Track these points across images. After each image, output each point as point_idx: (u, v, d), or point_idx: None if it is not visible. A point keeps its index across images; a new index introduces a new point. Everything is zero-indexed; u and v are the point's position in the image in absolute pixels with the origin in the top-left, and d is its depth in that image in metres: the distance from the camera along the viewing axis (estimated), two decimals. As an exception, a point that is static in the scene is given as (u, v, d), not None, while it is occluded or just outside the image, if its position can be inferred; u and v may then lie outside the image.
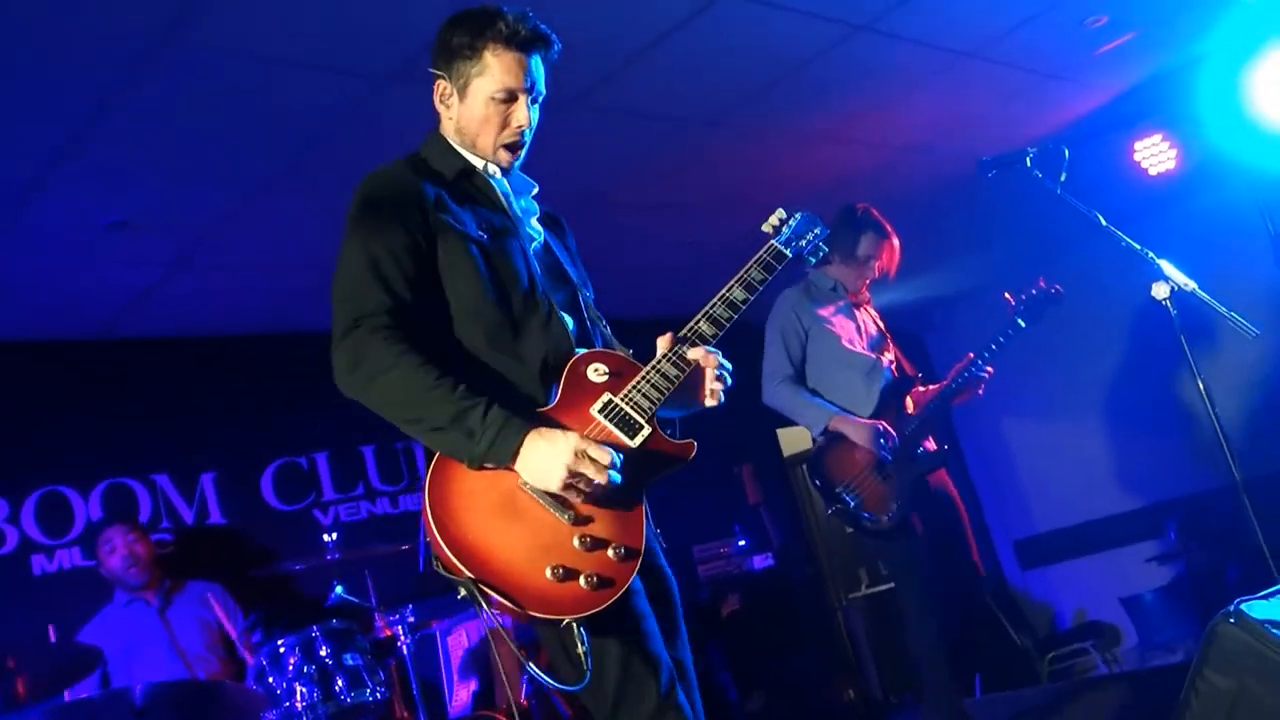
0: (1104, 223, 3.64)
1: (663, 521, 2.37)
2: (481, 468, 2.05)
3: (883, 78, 4.89)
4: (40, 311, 5.04)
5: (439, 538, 2.00)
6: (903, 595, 4.48)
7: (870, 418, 4.38)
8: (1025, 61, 5.06)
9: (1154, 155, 5.94)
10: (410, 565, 4.67)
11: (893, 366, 4.59)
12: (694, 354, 2.26)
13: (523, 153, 2.38)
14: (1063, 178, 3.74)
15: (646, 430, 2.17)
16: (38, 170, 3.85)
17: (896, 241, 4.63)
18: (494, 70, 2.27)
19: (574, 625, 2.01)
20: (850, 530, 4.45)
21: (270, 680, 3.83)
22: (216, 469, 5.69)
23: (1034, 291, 4.51)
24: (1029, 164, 3.72)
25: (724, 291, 2.36)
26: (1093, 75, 5.39)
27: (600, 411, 2.17)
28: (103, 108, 3.60)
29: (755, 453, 7.60)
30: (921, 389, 4.60)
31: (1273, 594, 2.86)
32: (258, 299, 5.56)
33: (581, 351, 2.25)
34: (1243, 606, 2.78)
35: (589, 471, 2.01)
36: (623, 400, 2.18)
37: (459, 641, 5.33)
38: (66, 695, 4.13)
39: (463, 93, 2.31)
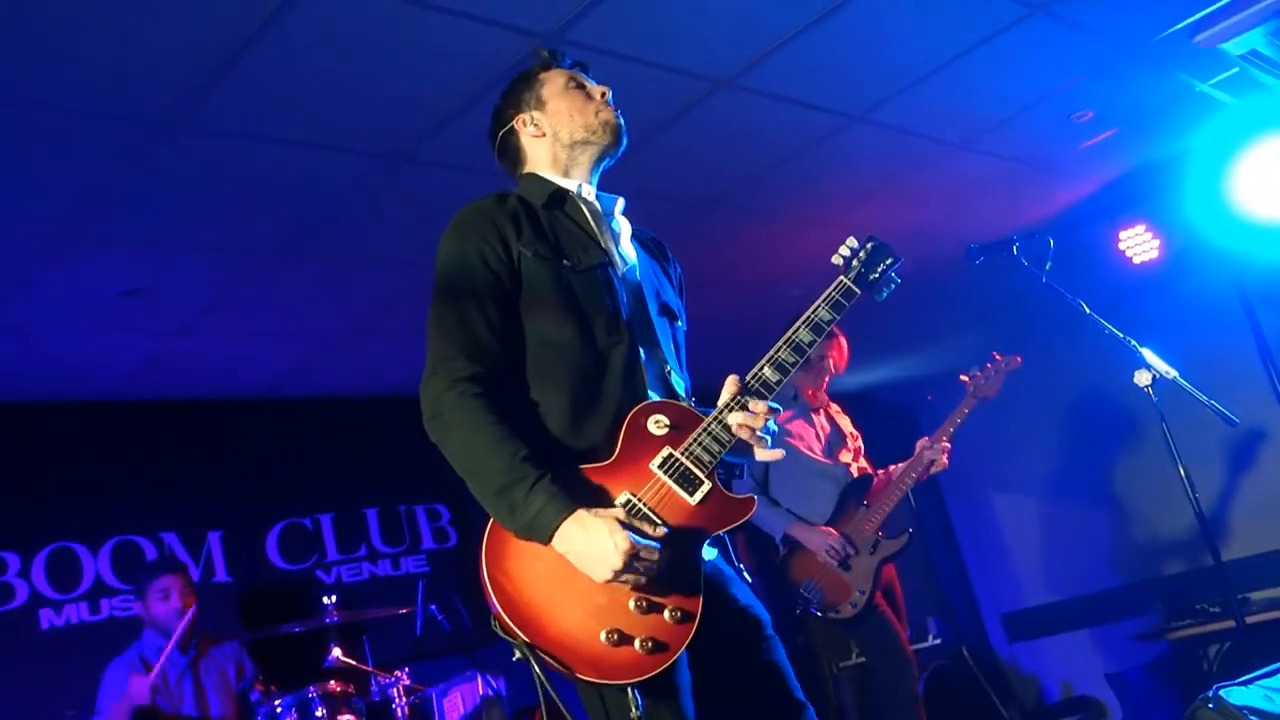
0: (1087, 310, 3.64)
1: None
2: (526, 540, 1.98)
3: (877, 166, 4.93)
4: (54, 373, 5.04)
5: (494, 599, 1.95)
6: (882, 675, 4.60)
7: (829, 518, 4.67)
8: (1014, 153, 5.11)
9: (1138, 244, 5.97)
10: (408, 628, 4.66)
11: (851, 466, 4.81)
12: (740, 418, 2.10)
13: (620, 117, 2.37)
14: (1048, 266, 3.76)
15: (706, 486, 2.07)
16: (53, 239, 3.87)
17: (844, 340, 4.87)
18: (554, 77, 2.38)
19: (629, 690, 1.94)
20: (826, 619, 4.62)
21: (266, 740, 3.76)
22: (223, 528, 5.65)
23: (989, 367, 4.66)
24: (1015, 252, 3.73)
25: (790, 334, 2.20)
26: (1079, 167, 5.44)
27: (660, 467, 2.07)
28: (115, 181, 3.62)
29: (749, 526, 7.52)
30: (882, 476, 4.79)
31: (1251, 680, 2.83)
32: (265, 364, 5.56)
33: (641, 404, 2.13)
34: (1221, 692, 2.76)
35: (638, 574, 1.93)
36: (683, 454, 2.08)
37: (454, 705, 5.24)
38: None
39: (541, 105, 2.36)
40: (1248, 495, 7.00)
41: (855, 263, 2.32)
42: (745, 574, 2.29)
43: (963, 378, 4.73)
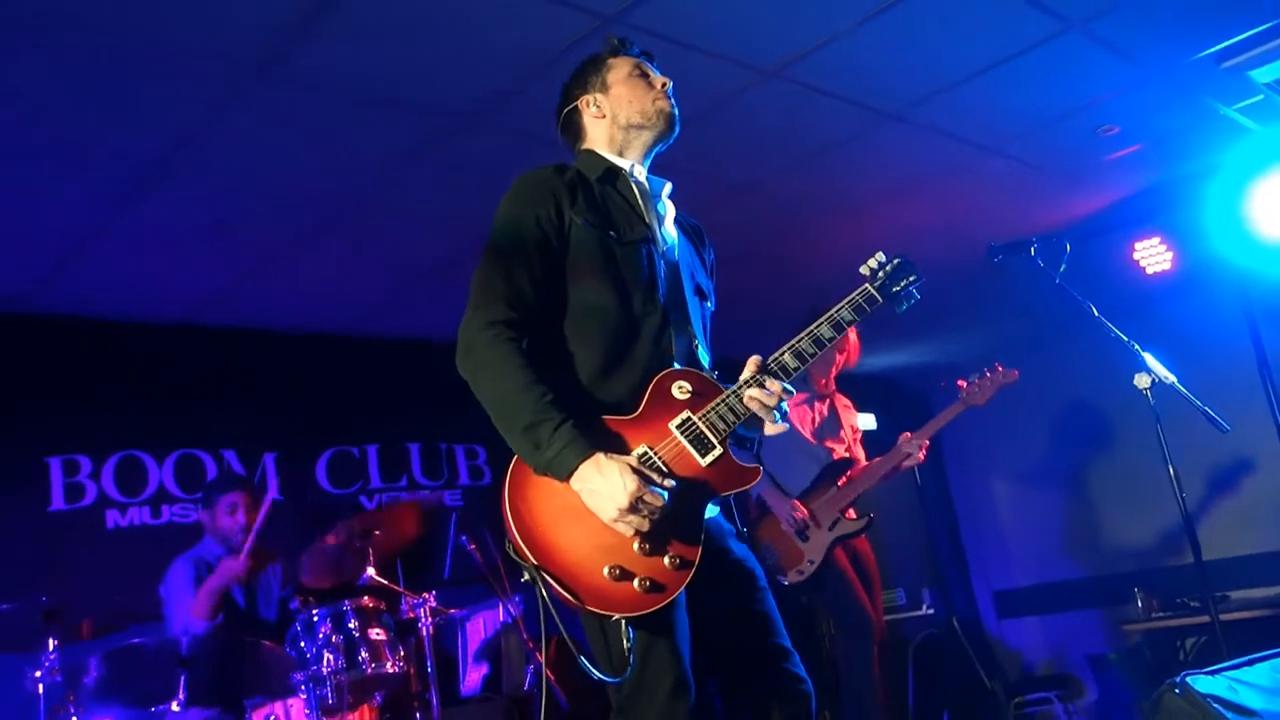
0: (1096, 313, 3.61)
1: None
2: (544, 476, 2.03)
3: (908, 163, 4.90)
4: (138, 293, 5.12)
5: (512, 524, 2.00)
6: (838, 636, 4.79)
7: (803, 492, 4.79)
8: (1039, 160, 5.05)
9: (1152, 256, 5.90)
10: (439, 555, 4.74)
11: (836, 452, 4.90)
12: (756, 393, 2.16)
13: (677, 111, 2.40)
14: (1062, 268, 3.72)
15: (718, 450, 2.13)
16: (151, 166, 3.92)
17: (854, 335, 4.90)
18: (621, 64, 2.42)
19: (622, 623, 1.99)
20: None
21: (302, 645, 3.84)
22: (278, 450, 5.75)
23: (986, 376, 4.66)
24: (1033, 253, 3.70)
25: (812, 327, 2.25)
26: (1101, 178, 5.37)
27: (678, 427, 2.13)
28: (212, 117, 3.67)
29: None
30: (861, 465, 4.89)
31: (1218, 670, 2.82)
32: (332, 303, 5.62)
33: (669, 369, 2.19)
34: (1188, 679, 2.75)
35: (640, 517, 1.98)
36: (700, 420, 2.14)
37: (476, 629, 5.34)
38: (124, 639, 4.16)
39: (604, 89, 2.40)
40: (1232, 499, 6.98)
41: (881, 274, 2.35)
42: (744, 533, 2.33)
43: (960, 383, 4.75)
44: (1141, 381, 3.52)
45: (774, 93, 4.05)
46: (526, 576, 1.99)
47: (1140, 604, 6.72)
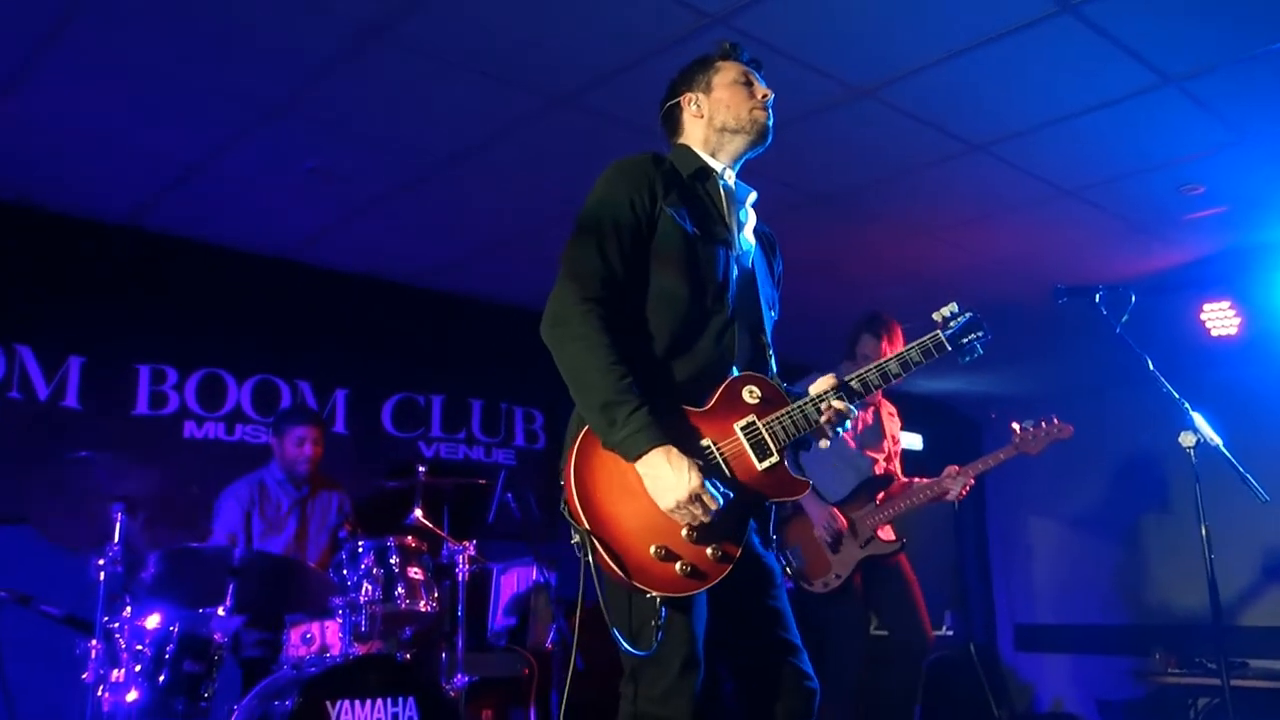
0: (1151, 366, 3.53)
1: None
2: (611, 451, 2.06)
3: (987, 194, 4.82)
4: (238, 224, 5.22)
5: (573, 489, 2.05)
6: (832, 653, 4.38)
7: (841, 501, 4.50)
8: (1119, 210, 4.94)
9: (1219, 319, 5.74)
10: (484, 508, 4.79)
11: (878, 463, 4.63)
12: (830, 414, 2.21)
13: (771, 123, 2.41)
14: (1125, 319, 3.64)
15: (775, 459, 2.15)
16: (262, 108, 4.01)
17: (900, 336, 4.56)
18: (728, 69, 2.42)
19: (657, 600, 2.02)
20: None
21: (344, 572, 3.89)
22: (350, 387, 5.85)
23: (1041, 427, 4.36)
24: (1097, 299, 3.63)
25: (883, 361, 2.30)
26: (1178, 235, 5.23)
27: (742, 429, 2.16)
28: (323, 69, 3.73)
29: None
30: (903, 482, 4.61)
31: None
32: (415, 256, 5.70)
33: (746, 372, 2.23)
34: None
35: (695, 511, 2.01)
36: (764, 426, 2.17)
37: (509, 582, 5.40)
38: (182, 541, 4.28)
39: (708, 91, 2.41)
40: (1262, 569, 6.78)
41: (951, 324, 2.37)
42: (770, 534, 2.35)
43: (1014, 426, 4.52)
44: (1186, 440, 3.44)
45: (864, 111, 4.01)
46: (576, 538, 2.04)
47: (1158, 658, 6.58)
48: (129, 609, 3.61)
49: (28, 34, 3.47)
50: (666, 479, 2.00)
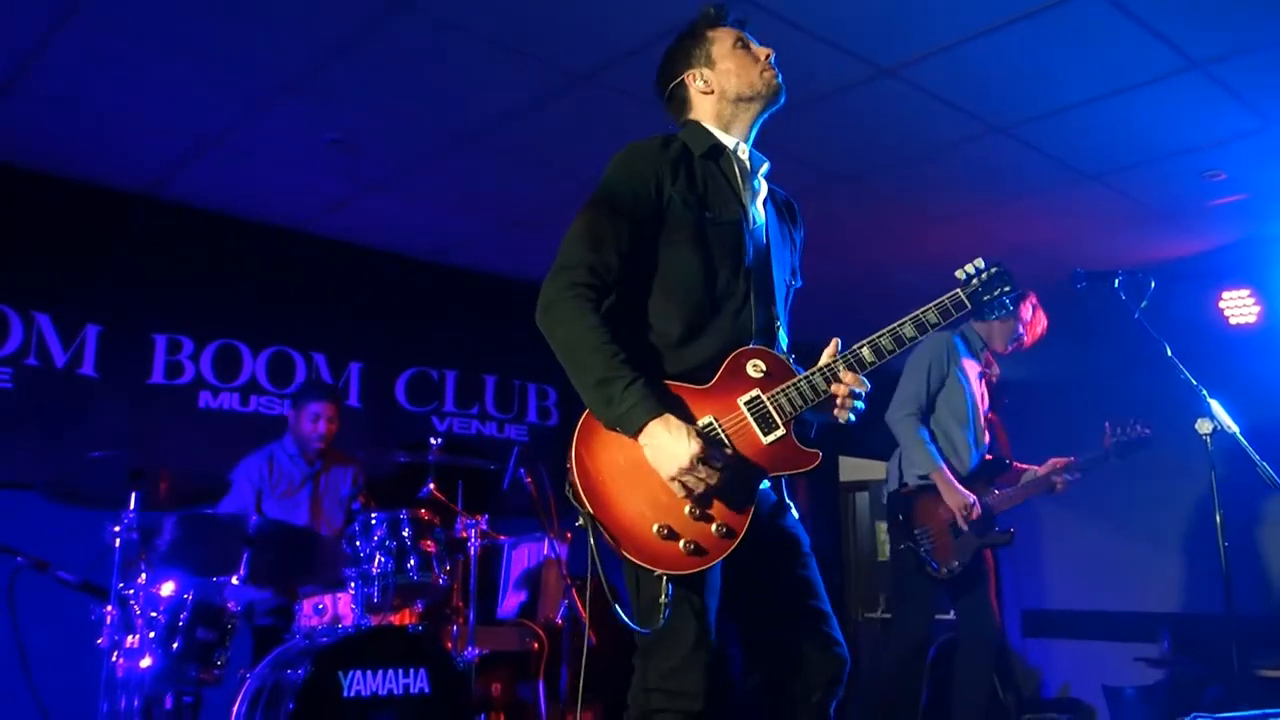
0: (1169, 353, 3.50)
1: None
2: (612, 430, 2.06)
3: (1007, 177, 4.78)
4: (257, 197, 5.22)
5: (575, 473, 2.04)
6: (904, 629, 4.35)
7: (963, 482, 4.28)
8: (1141, 195, 4.90)
9: (1238, 307, 5.70)
10: (496, 483, 4.80)
11: (989, 439, 4.46)
12: (843, 379, 2.15)
13: (780, 77, 2.37)
14: (1143, 304, 3.61)
15: (780, 431, 2.12)
16: (284, 81, 4.00)
17: (1044, 317, 4.50)
18: (723, 36, 2.37)
19: (663, 578, 2.02)
20: (914, 569, 4.28)
21: (357, 544, 3.90)
22: (364, 361, 5.86)
23: (1133, 431, 4.34)
24: (1116, 285, 3.60)
25: (895, 325, 2.21)
26: (1199, 222, 5.19)
27: (746, 404, 2.13)
28: (344, 46, 3.72)
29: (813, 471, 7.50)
30: (1016, 468, 4.47)
31: (1227, 719, 2.74)
32: (433, 231, 5.69)
33: (747, 347, 2.19)
34: (1197, 718, 2.69)
35: (699, 477, 2.00)
36: (769, 399, 2.14)
37: (520, 558, 5.41)
38: (198, 509, 4.29)
39: (710, 64, 2.35)
40: (1276, 559, 6.73)
41: (975, 282, 2.29)
42: (794, 507, 2.33)
43: (1106, 426, 4.45)
44: (1204, 428, 3.41)
45: (888, 90, 3.97)
46: (581, 521, 2.03)
47: (1165, 645, 6.56)
48: (144, 575, 3.63)
49: (49, 5, 3.45)
50: (667, 447, 1.98)
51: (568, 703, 4.74)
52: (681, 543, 2.02)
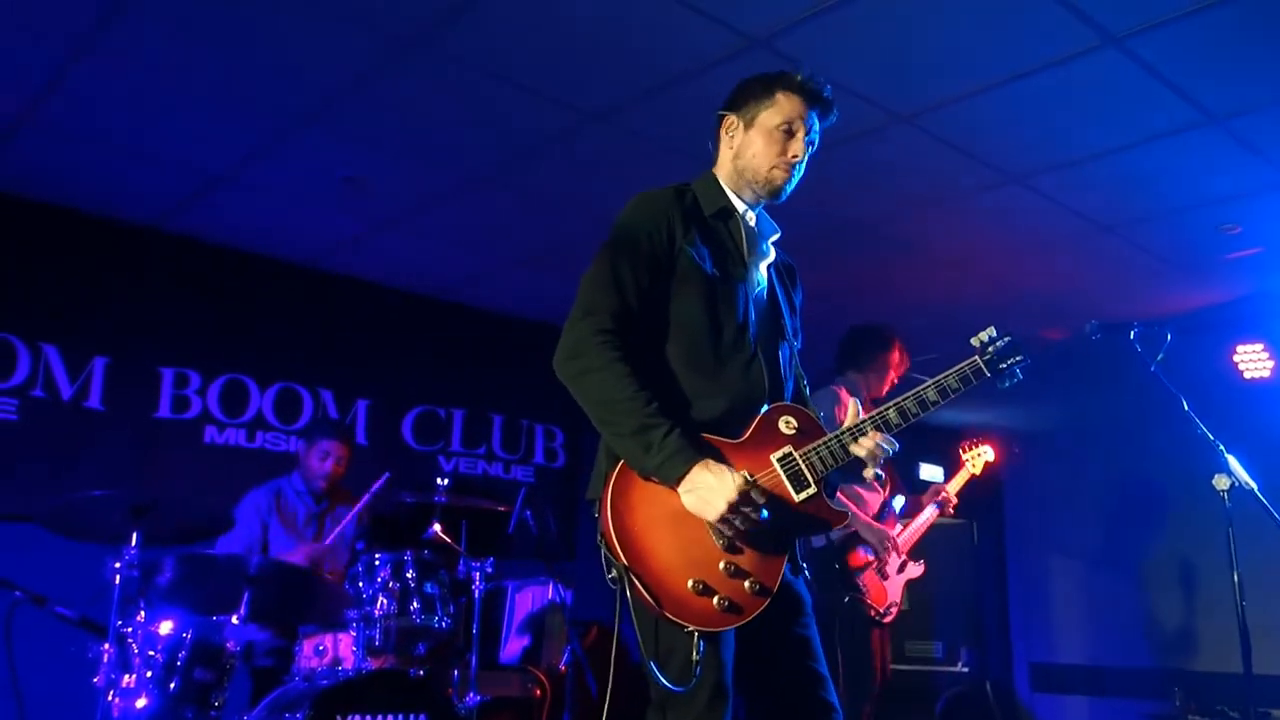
0: (1186, 407, 3.46)
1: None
2: (649, 479, 2.03)
3: (1020, 228, 4.78)
4: (267, 232, 5.23)
5: (610, 524, 2.01)
6: (860, 681, 4.23)
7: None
8: (1156, 247, 4.89)
9: (1253, 361, 5.65)
10: (502, 525, 4.75)
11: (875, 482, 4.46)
12: (868, 444, 2.16)
13: (790, 185, 2.34)
14: (1160, 357, 3.58)
15: (812, 490, 2.12)
16: (297, 118, 4.01)
17: (900, 354, 4.49)
18: (781, 106, 2.30)
19: (695, 635, 1.99)
20: (863, 620, 4.23)
21: (360, 585, 3.85)
22: (371, 399, 5.84)
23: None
24: (1133, 336, 3.57)
25: (919, 390, 2.23)
26: (1214, 275, 5.18)
27: (779, 460, 2.13)
28: (358, 84, 3.73)
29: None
30: (913, 500, 4.56)
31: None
32: (442, 269, 5.70)
33: (780, 403, 2.20)
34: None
35: (746, 514, 1.99)
36: (801, 457, 2.14)
37: (524, 601, 5.35)
38: (200, 547, 4.24)
39: (749, 124, 2.32)
40: (1294, 618, 6.63)
41: (990, 350, 2.29)
42: (801, 561, 2.30)
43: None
44: (1221, 483, 3.37)
45: (903, 137, 3.98)
46: (613, 574, 2.00)
47: (1179, 703, 6.45)
48: (143, 613, 3.58)
49: (64, 40, 3.48)
50: (712, 486, 1.97)
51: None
52: (716, 599, 2.00)
